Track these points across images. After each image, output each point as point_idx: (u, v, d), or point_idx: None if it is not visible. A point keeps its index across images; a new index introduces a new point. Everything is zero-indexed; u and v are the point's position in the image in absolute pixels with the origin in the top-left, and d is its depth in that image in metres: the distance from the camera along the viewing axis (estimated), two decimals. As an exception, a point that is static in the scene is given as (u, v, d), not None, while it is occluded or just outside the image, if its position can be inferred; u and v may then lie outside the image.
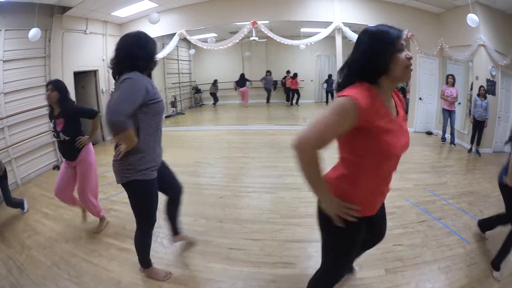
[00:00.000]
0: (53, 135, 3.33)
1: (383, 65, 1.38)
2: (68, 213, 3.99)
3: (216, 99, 13.84)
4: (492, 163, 5.99)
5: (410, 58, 1.39)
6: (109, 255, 3.03)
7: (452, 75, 7.05)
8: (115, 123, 1.91)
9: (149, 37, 2.32)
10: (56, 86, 3.22)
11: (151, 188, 2.38)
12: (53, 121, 3.28)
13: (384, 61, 1.37)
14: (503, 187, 2.84)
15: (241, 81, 13.00)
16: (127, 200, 4.02)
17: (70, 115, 3.25)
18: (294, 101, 13.45)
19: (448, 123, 7.12)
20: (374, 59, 1.38)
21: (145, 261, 2.62)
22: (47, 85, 3.25)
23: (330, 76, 12.73)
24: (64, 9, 6.49)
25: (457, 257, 2.87)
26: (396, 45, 1.37)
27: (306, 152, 1.34)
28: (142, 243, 2.57)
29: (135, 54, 2.13)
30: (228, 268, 2.77)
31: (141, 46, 2.19)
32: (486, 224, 3.24)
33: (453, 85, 6.97)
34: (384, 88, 1.45)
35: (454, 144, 7.15)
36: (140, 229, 2.51)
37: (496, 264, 2.71)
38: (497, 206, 3.98)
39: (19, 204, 4.11)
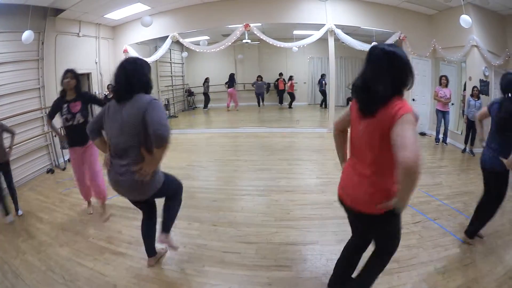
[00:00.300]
0: (65, 118, 3.62)
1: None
2: (62, 217, 3.96)
3: (207, 99, 13.67)
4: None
5: None
6: (104, 259, 3.01)
7: (446, 76, 7.10)
8: (168, 138, 2.15)
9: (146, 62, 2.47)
10: (75, 74, 3.66)
11: (168, 175, 2.65)
12: (66, 105, 3.61)
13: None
14: (491, 172, 2.93)
15: (230, 82, 12.71)
16: (121, 204, 4.12)
17: (85, 99, 3.73)
18: (288, 104, 13.34)
19: (442, 124, 7.16)
20: (413, 77, 1.69)
21: (171, 226, 2.78)
22: (66, 73, 3.61)
23: (323, 75, 12.72)
24: (57, 11, 6.44)
25: (453, 257, 2.89)
26: None
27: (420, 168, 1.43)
28: (177, 211, 2.83)
29: (143, 79, 2.31)
30: (223, 272, 2.76)
31: (147, 71, 2.39)
32: (473, 228, 3.20)
33: (446, 86, 7.02)
34: None
35: (446, 144, 7.24)
36: (180, 200, 2.86)
37: (470, 232, 3.11)
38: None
39: (16, 203, 4.16)
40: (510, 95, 2.84)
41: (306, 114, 12.12)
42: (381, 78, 1.65)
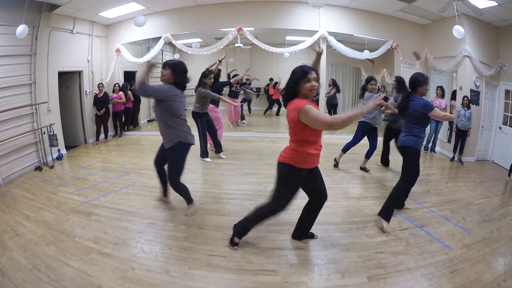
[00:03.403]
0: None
1: None
2: (49, 216, 3.91)
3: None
4: (474, 172, 6.10)
5: None
6: (90, 259, 2.97)
7: (441, 87, 7.25)
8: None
9: None
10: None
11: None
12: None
13: None
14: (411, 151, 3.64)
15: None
16: (108, 204, 4.14)
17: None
18: (275, 111, 12.68)
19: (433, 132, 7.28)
20: None
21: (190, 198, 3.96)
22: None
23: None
24: (53, 7, 6.37)
25: (440, 263, 2.90)
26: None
27: None
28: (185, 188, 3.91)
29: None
30: (209, 275, 2.73)
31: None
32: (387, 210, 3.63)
33: (442, 96, 7.16)
34: None
35: (435, 152, 7.39)
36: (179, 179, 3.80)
37: (387, 215, 3.54)
38: (480, 213, 4.06)
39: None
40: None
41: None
42: None
